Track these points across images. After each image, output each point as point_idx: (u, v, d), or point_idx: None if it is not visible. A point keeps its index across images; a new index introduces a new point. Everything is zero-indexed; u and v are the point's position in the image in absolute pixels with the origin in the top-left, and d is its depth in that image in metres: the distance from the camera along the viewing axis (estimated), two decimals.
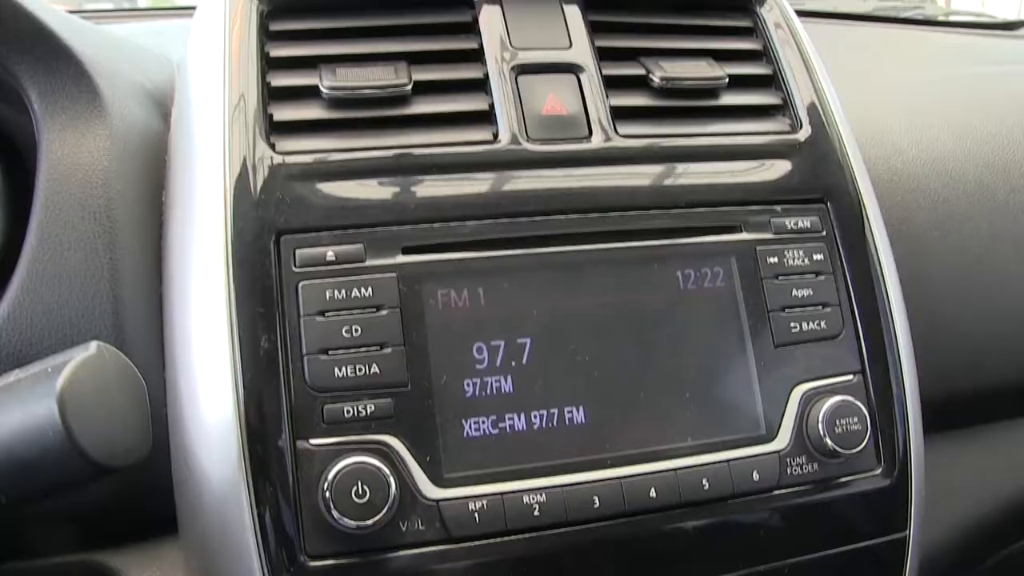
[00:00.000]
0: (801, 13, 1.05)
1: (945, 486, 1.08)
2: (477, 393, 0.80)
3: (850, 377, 0.90)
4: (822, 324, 0.90)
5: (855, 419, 0.86)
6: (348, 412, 0.77)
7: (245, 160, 0.81)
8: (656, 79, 0.93)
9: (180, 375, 0.80)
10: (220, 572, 0.79)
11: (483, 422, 0.79)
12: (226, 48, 0.86)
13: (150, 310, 0.86)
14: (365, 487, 0.74)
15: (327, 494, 0.74)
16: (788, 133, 0.96)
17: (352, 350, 0.78)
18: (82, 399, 0.57)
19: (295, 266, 0.79)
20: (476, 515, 0.77)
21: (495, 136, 0.88)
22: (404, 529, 0.76)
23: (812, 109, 0.97)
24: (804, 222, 0.92)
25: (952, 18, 2.05)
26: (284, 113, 0.83)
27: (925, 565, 0.97)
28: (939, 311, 1.08)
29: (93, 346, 0.60)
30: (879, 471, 0.90)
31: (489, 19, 0.88)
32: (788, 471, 0.85)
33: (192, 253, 0.81)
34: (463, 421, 0.79)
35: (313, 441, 0.76)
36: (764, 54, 1.00)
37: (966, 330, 1.09)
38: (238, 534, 0.76)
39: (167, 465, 0.83)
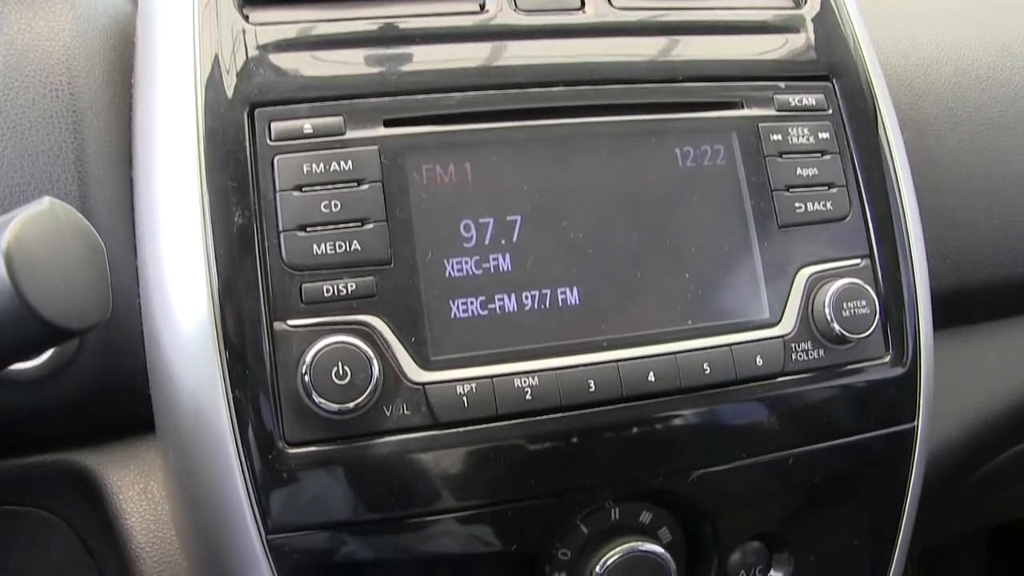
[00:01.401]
0: None
1: (954, 383, 1.04)
2: (465, 272, 0.76)
3: (857, 261, 0.85)
4: (828, 205, 0.85)
5: (863, 302, 0.81)
6: (328, 291, 0.72)
7: (217, 32, 0.77)
8: None
9: (150, 258, 0.76)
10: (196, 463, 0.75)
11: (471, 303, 0.75)
12: None
13: (120, 194, 0.82)
14: (346, 368, 0.69)
15: (306, 377, 0.69)
16: (793, 8, 0.92)
17: (332, 226, 0.74)
18: (32, 254, 0.53)
19: (270, 140, 0.74)
20: (464, 399, 0.73)
21: (482, 7, 0.82)
22: (388, 414, 0.72)
23: None
24: (809, 99, 0.87)
25: None
26: None
27: (931, 462, 0.93)
28: (949, 201, 1.03)
29: (46, 201, 0.56)
30: (887, 359, 0.86)
31: None
32: (793, 357, 0.81)
33: (162, 128, 0.77)
34: (450, 301, 0.75)
35: (291, 322, 0.72)
36: None
37: (977, 221, 1.04)
38: (213, 421, 0.72)
39: (142, 357, 0.78)
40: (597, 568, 0.78)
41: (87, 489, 0.87)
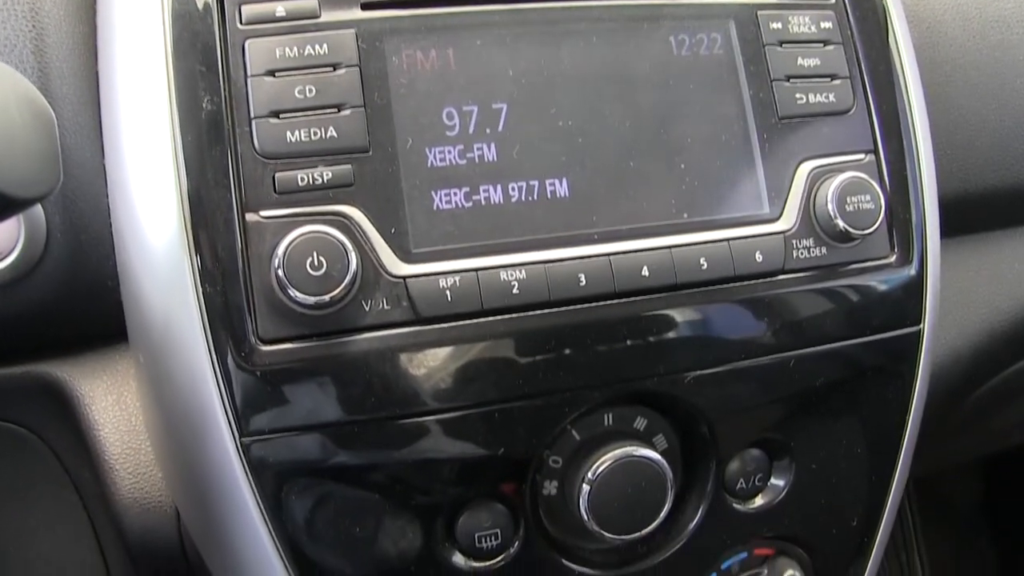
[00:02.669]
0: None
1: (960, 292, 1.01)
2: (448, 162, 0.71)
3: (861, 156, 0.81)
4: (830, 97, 0.81)
5: (867, 197, 0.77)
6: (303, 180, 0.68)
7: None
8: None
9: (117, 151, 0.72)
10: (166, 365, 0.71)
11: (455, 194, 0.71)
12: None
13: (84, 88, 0.78)
14: (321, 258, 0.65)
15: (279, 270, 0.65)
16: None
17: (306, 113, 0.70)
18: None
19: (241, 23, 0.70)
20: (448, 293, 0.69)
21: None
22: (367, 309, 0.68)
23: None
24: None
25: None
26: None
27: (936, 374, 0.90)
28: (956, 100, 0.99)
29: None
30: (892, 259, 0.82)
31: None
32: (794, 254, 0.77)
33: (125, 10, 0.72)
34: (432, 192, 0.70)
35: (264, 213, 0.68)
36: None
37: (986, 122, 1.00)
38: (183, 319, 0.68)
39: (113, 260, 0.75)
40: (589, 474, 0.74)
41: (58, 401, 0.84)
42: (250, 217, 0.68)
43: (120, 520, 0.83)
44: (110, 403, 0.83)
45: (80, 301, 0.79)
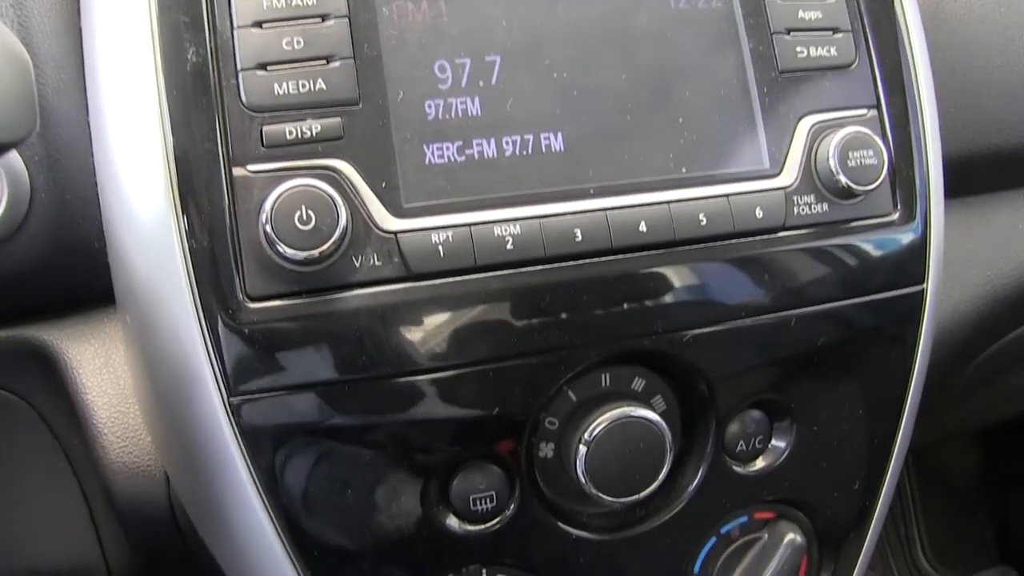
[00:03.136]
0: None
1: (964, 253, 0.99)
2: (440, 116, 0.69)
3: (864, 111, 0.79)
4: (832, 51, 0.79)
5: (870, 152, 0.75)
6: (291, 133, 0.66)
7: None
8: None
9: (100, 106, 0.70)
10: (153, 324, 0.70)
11: (447, 148, 0.69)
12: None
13: (67, 44, 0.77)
14: (310, 212, 0.63)
15: (267, 226, 0.64)
16: None
17: (294, 64, 0.68)
18: None
19: None
20: (440, 248, 0.67)
21: None
22: (357, 265, 0.67)
23: None
24: None
25: None
26: None
27: (939, 337, 0.88)
28: (961, 57, 0.97)
29: None
30: (895, 216, 0.80)
31: None
32: (795, 210, 0.75)
33: None
34: (424, 146, 0.69)
35: (251, 167, 0.66)
36: None
37: (991, 80, 0.97)
38: (169, 276, 0.67)
39: (99, 220, 0.73)
40: (585, 435, 0.73)
41: (46, 366, 0.82)
42: (237, 172, 0.66)
43: (108, 485, 0.81)
44: (98, 367, 0.82)
45: (67, 262, 0.77)
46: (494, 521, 0.75)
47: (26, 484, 0.91)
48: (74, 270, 0.78)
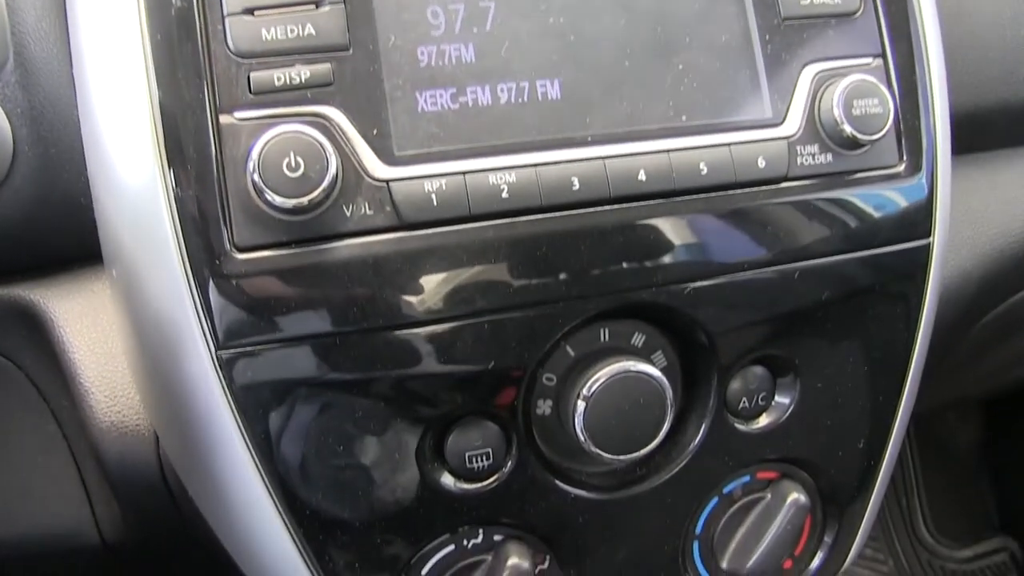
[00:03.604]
0: None
1: (970, 211, 0.97)
2: (433, 62, 0.67)
3: (869, 60, 0.77)
4: None
5: (875, 101, 0.73)
6: (279, 79, 0.64)
7: None
8: None
9: (82, 53, 0.68)
10: (140, 277, 0.68)
11: (440, 95, 0.67)
12: None
13: (51, 8, 0.74)
14: (299, 159, 0.61)
15: (255, 173, 0.61)
16: None
17: (282, 9, 0.65)
18: None
19: None
20: (433, 197, 0.65)
21: None
22: (348, 214, 0.65)
23: None
24: None
25: None
26: None
27: (945, 296, 0.86)
28: (969, 9, 0.94)
29: None
30: (901, 168, 0.78)
31: None
32: (798, 160, 0.73)
33: None
34: (417, 93, 0.67)
35: (238, 114, 0.64)
36: None
37: (1001, 34, 0.95)
38: (155, 227, 0.65)
39: (86, 175, 0.71)
40: (584, 391, 0.71)
41: (33, 325, 0.81)
42: (224, 119, 0.64)
43: (97, 446, 0.80)
44: (86, 325, 0.80)
45: (52, 219, 0.75)
46: (491, 480, 0.73)
47: (15, 448, 0.90)
48: (60, 227, 0.76)
